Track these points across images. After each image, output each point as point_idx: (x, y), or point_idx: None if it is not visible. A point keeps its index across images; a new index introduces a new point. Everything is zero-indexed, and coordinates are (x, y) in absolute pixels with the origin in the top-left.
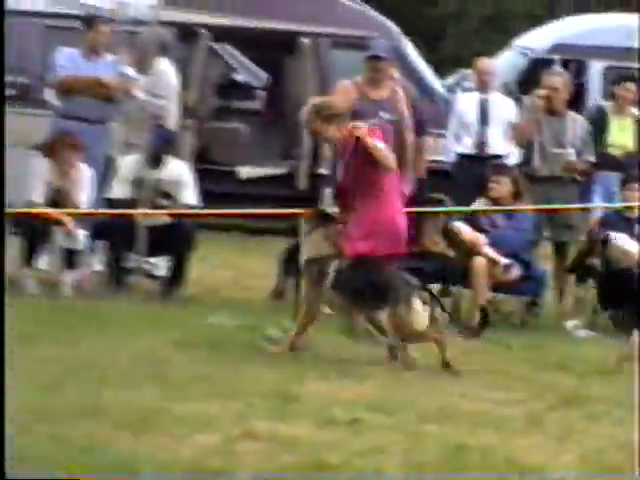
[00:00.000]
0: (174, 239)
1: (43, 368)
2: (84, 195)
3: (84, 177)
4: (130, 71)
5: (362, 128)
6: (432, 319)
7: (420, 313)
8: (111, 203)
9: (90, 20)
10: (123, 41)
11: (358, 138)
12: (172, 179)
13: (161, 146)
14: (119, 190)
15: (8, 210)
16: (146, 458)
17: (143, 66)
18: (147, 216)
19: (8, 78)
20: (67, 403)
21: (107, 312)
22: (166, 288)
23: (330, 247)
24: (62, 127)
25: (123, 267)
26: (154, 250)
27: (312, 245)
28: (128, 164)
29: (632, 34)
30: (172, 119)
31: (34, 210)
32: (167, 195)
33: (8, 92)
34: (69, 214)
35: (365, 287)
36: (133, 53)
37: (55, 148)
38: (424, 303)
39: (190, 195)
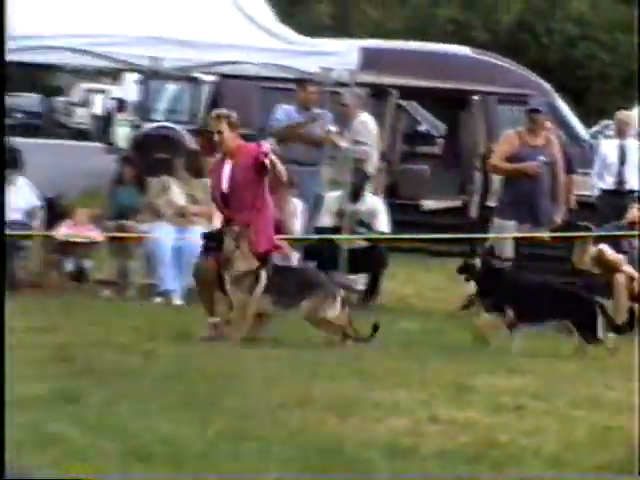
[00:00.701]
0: (370, 259)
1: (266, 365)
2: (297, 224)
3: (297, 209)
4: (334, 127)
5: (268, 150)
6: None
7: (339, 308)
8: (319, 230)
9: (301, 82)
10: (328, 99)
11: (256, 155)
12: (368, 211)
13: (360, 184)
14: (326, 220)
15: None
16: (349, 438)
17: (346, 119)
18: (348, 241)
19: None
20: (285, 393)
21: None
22: (364, 299)
23: (253, 259)
24: None
25: None
26: (354, 268)
27: (241, 259)
28: (333, 199)
29: None
30: (373, 162)
31: None
32: (364, 224)
33: None
34: (285, 239)
35: (297, 288)
36: (338, 109)
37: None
38: (342, 303)
39: (383, 224)
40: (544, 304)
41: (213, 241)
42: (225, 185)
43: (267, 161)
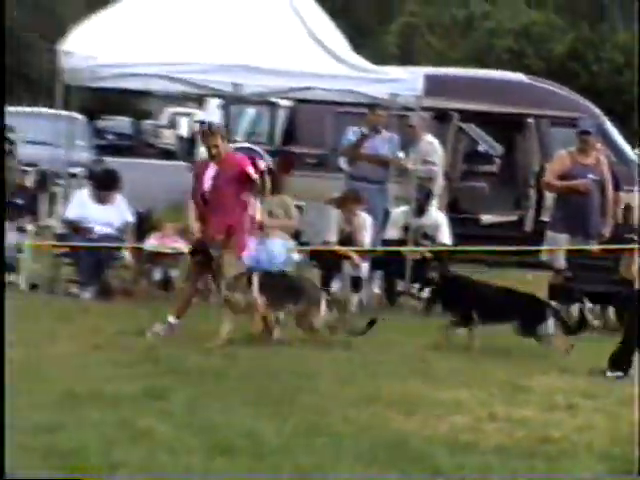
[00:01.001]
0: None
1: (337, 365)
2: (366, 237)
3: (366, 223)
4: (401, 153)
5: (263, 166)
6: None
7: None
8: (386, 243)
9: (371, 107)
10: (396, 122)
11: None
12: (432, 224)
13: (424, 199)
14: (392, 233)
15: (311, 247)
16: (413, 434)
17: (413, 140)
18: (413, 252)
19: (306, 150)
20: (355, 392)
21: (381, 324)
22: (427, 306)
23: (239, 262)
24: (350, 186)
25: (395, 290)
26: (418, 278)
27: (228, 265)
28: (399, 213)
29: None
30: (439, 180)
31: (329, 248)
32: (428, 237)
33: (309, 161)
34: (355, 251)
35: (285, 289)
36: (405, 130)
37: (344, 202)
38: (327, 305)
39: (445, 236)
40: (496, 307)
41: (199, 253)
42: (206, 186)
43: (252, 171)
